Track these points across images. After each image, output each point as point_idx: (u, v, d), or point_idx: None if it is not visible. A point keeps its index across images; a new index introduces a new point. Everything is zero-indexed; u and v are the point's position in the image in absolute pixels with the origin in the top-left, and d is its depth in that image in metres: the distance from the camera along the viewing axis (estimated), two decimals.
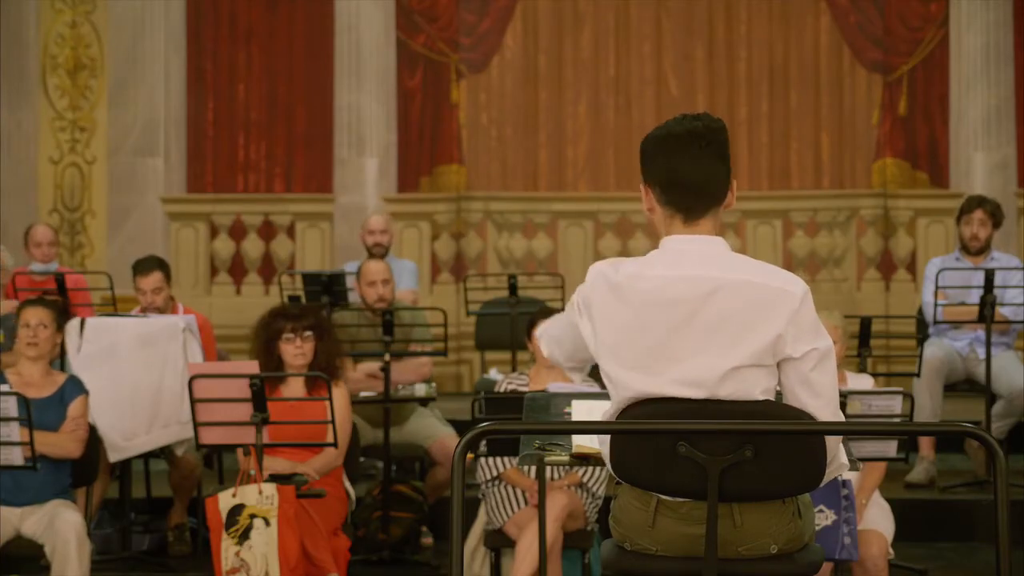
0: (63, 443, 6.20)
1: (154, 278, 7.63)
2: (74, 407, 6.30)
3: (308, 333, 6.50)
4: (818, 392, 3.36)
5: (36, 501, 6.11)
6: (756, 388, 3.34)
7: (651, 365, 3.35)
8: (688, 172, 3.40)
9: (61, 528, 5.93)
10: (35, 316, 6.33)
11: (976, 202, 8.18)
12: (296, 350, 6.47)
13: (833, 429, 3.41)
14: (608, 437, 3.50)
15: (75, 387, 6.37)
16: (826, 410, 3.37)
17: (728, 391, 3.33)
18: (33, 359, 6.31)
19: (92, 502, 6.67)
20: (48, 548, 5.97)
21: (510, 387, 6.50)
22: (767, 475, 3.32)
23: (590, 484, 6.31)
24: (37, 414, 5.97)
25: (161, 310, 7.60)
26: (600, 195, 11.69)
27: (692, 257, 3.39)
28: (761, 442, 3.29)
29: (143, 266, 7.73)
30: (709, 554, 3.30)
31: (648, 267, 3.41)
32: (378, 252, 9.13)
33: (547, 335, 3.71)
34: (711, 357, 3.33)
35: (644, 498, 3.41)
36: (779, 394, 3.44)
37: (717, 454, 3.28)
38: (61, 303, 6.75)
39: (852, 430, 3.42)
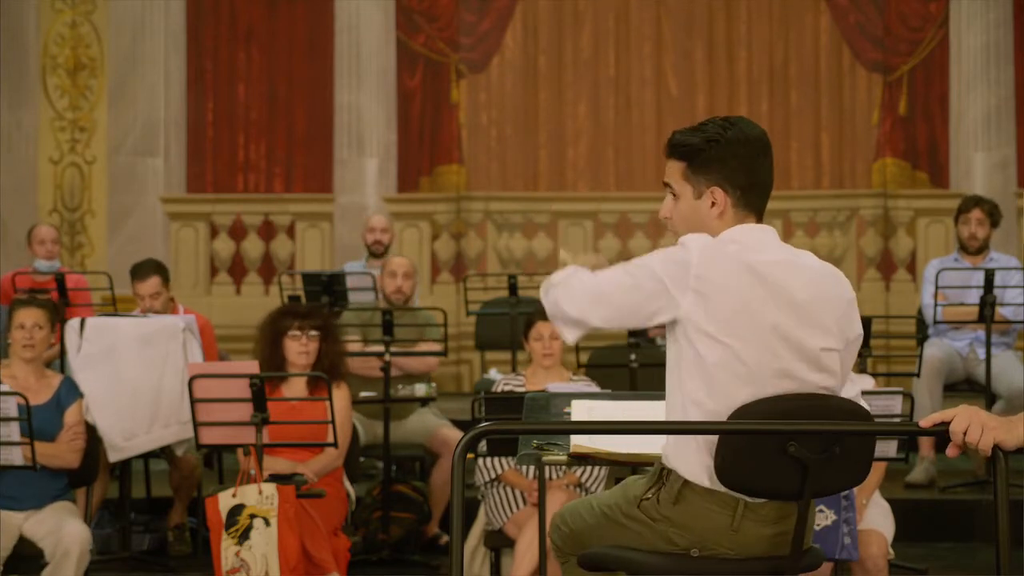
0: (62, 454, 6.19)
1: (151, 283, 7.61)
2: (70, 414, 6.26)
3: (314, 333, 6.50)
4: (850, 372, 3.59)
5: (37, 504, 6.11)
6: (835, 374, 3.47)
7: (770, 344, 3.38)
8: (767, 174, 3.50)
9: (65, 538, 5.91)
10: (30, 317, 6.28)
11: (973, 201, 8.19)
12: (301, 348, 6.47)
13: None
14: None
15: (70, 391, 6.34)
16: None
17: (830, 381, 3.44)
18: (28, 360, 6.29)
19: (92, 502, 6.66)
20: (48, 553, 5.96)
21: (506, 388, 6.49)
22: (842, 472, 3.43)
23: (588, 484, 6.31)
24: (34, 422, 5.94)
25: (160, 313, 7.58)
26: (600, 195, 11.69)
27: (772, 244, 3.48)
28: (843, 441, 3.39)
29: (140, 271, 7.70)
30: (795, 552, 3.39)
31: (750, 250, 3.42)
32: (377, 250, 9.22)
33: (584, 288, 3.50)
34: (822, 339, 3.43)
35: (729, 502, 3.39)
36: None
37: (815, 453, 3.35)
38: (51, 302, 6.71)
39: (856, 430, 3.44)
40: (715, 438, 3.36)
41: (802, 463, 3.33)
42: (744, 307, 3.37)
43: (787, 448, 3.31)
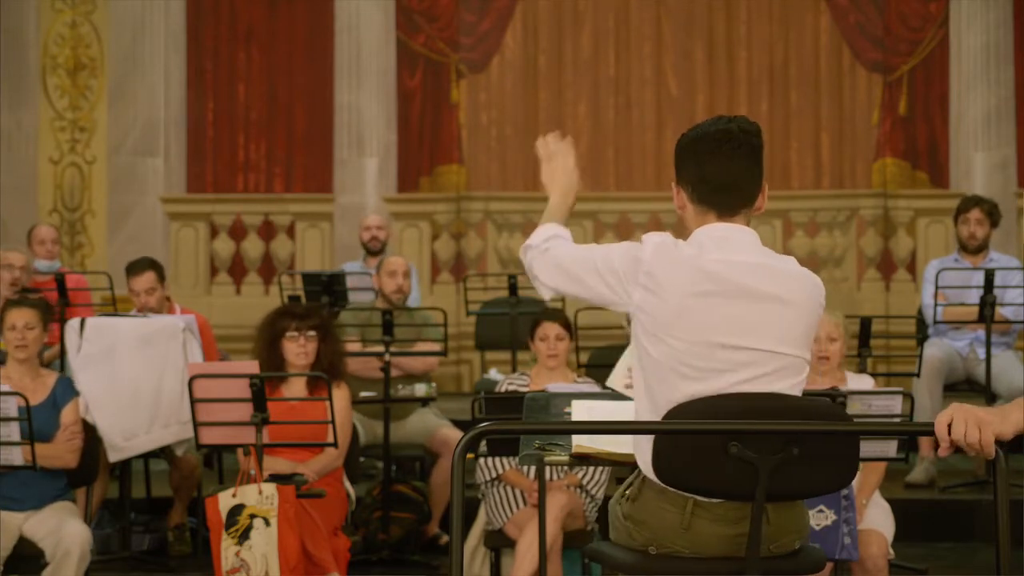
0: (60, 454, 6.16)
1: (146, 278, 7.60)
2: (67, 413, 6.24)
3: (312, 333, 6.50)
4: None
5: (37, 504, 6.10)
6: (796, 379, 3.43)
7: (715, 348, 3.38)
8: (719, 172, 3.46)
9: (66, 538, 5.90)
10: (21, 318, 6.24)
11: (973, 201, 8.19)
12: (299, 349, 6.47)
13: (854, 429, 3.45)
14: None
15: (66, 389, 6.31)
16: None
17: (782, 383, 3.39)
18: (21, 361, 6.27)
19: (92, 502, 6.66)
20: (49, 554, 5.96)
21: (510, 387, 6.49)
22: (809, 474, 3.36)
23: (589, 486, 6.30)
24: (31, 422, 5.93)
25: (155, 311, 7.58)
26: (600, 195, 11.69)
27: (741, 244, 3.46)
28: (806, 441, 3.32)
29: (135, 267, 7.70)
30: (751, 554, 3.33)
31: (703, 248, 3.44)
32: (374, 247, 9.24)
33: (552, 258, 3.59)
34: (773, 342, 3.40)
35: (678, 500, 3.40)
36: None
37: (766, 454, 3.30)
38: (43, 301, 6.69)
39: (852, 430, 3.43)
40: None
41: (752, 464, 3.28)
42: (687, 308, 3.38)
43: (728, 448, 3.28)
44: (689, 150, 3.50)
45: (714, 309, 3.38)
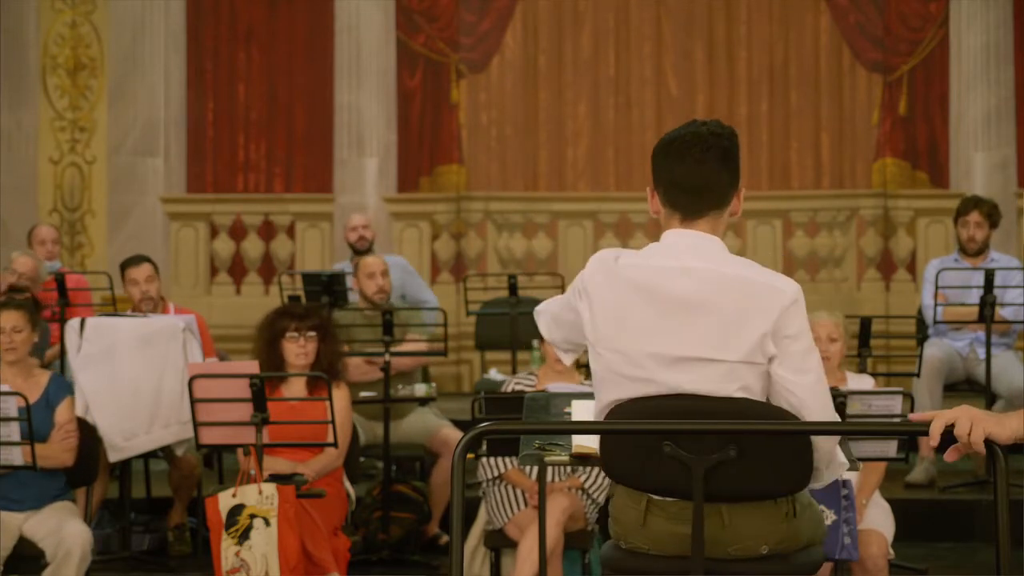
0: (55, 454, 6.16)
1: (145, 268, 7.66)
2: (61, 412, 6.22)
3: (312, 333, 6.50)
4: (807, 368, 3.35)
5: (37, 505, 6.10)
6: (734, 385, 3.35)
7: (642, 356, 3.39)
8: (687, 175, 3.45)
9: (67, 539, 5.90)
10: (8, 320, 6.22)
11: (972, 203, 8.18)
12: (299, 349, 6.47)
13: (821, 429, 3.41)
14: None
15: (60, 388, 6.30)
16: (817, 387, 3.36)
17: (713, 387, 3.34)
18: (11, 363, 6.26)
19: (92, 502, 6.66)
20: (49, 554, 5.96)
21: (517, 387, 6.48)
22: (752, 475, 3.33)
23: (591, 489, 6.29)
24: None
25: (155, 302, 7.60)
26: (600, 195, 11.70)
27: (688, 250, 3.43)
28: (746, 442, 3.30)
29: (132, 260, 7.78)
30: (695, 553, 3.32)
31: (645, 258, 3.46)
32: (362, 246, 9.22)
33: (547, 313, 3.69)
34: (703, 348, 3.36)
35: (636, 497, 3.45)
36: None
37: (702, 454, 3.29)
38: (30, 301, 6.68)
39: (850, 430, 3.42)
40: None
41: (685, 464, 3.29)
42: (615, 320, 3.41)
43: (663, 447, 3.29)
44: (661, 154, 3.49)
45: (639, 318, 3.39)
